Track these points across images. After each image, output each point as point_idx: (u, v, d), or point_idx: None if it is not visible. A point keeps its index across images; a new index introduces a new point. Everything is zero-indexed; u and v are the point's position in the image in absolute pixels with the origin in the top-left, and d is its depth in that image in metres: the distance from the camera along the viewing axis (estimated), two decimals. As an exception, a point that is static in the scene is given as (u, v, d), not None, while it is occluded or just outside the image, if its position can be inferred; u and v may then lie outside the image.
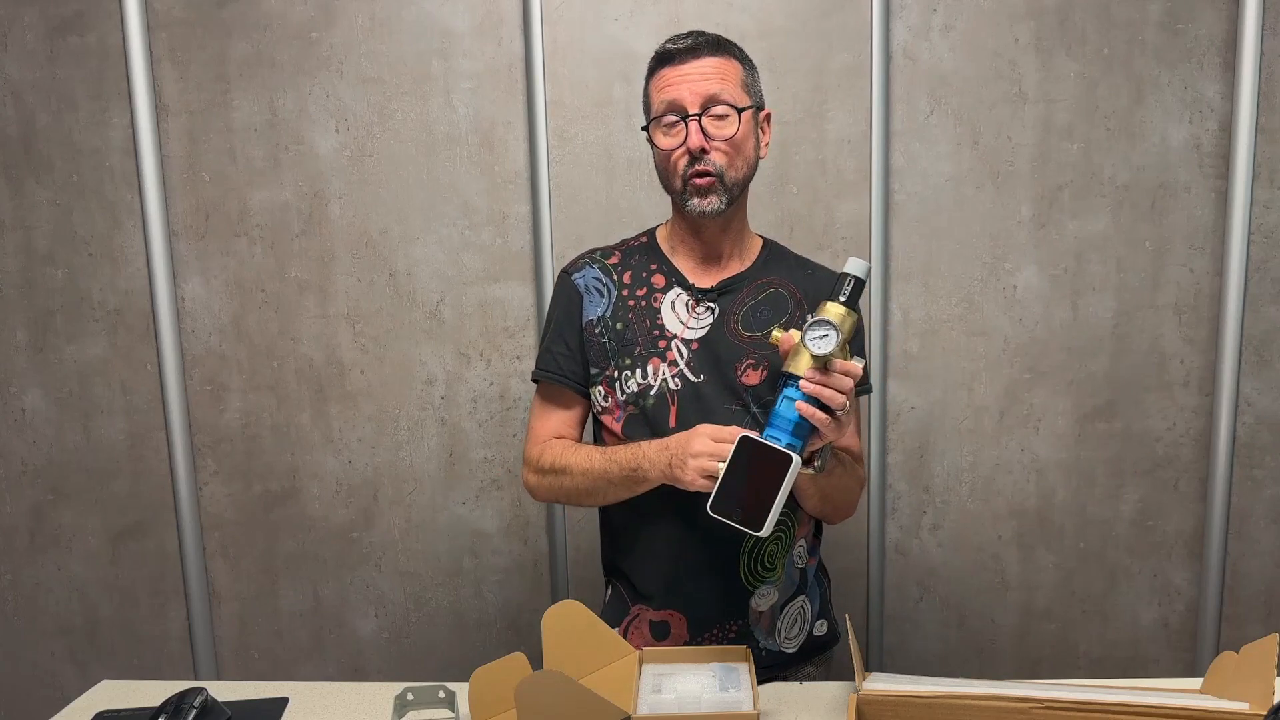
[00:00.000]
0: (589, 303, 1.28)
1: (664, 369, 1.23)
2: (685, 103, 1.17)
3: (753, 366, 1.23)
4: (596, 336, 1.27)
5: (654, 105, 1.21)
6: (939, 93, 1.77)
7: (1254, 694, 0.94)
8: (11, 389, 1.92)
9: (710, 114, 1.17)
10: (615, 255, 1.32)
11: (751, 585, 1.25)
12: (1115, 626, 1.91)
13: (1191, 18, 1.72)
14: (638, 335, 1.25)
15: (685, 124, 1.17)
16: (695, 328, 1.24)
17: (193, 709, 1.09)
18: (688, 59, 1.18)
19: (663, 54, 1.21)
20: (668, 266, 1.28)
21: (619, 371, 1.25)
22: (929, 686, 1.00)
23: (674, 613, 1.26)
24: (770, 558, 1.25)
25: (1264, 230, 1.77)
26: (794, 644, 1.31)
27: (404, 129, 1.81)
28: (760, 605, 1.26)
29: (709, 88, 1.17)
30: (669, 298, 1.26)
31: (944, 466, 1.88)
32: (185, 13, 1.79)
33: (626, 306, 1.27)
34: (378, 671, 1.97)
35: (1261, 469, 1.84)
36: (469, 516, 1.92)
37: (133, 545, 1.96)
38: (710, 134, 1.17)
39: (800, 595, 1.31)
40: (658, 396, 1.23)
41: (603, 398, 1.27)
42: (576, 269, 1.32)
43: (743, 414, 1.22)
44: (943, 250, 1.81)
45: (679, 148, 1.18)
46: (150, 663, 2.00)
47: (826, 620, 1.37)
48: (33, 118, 1.83)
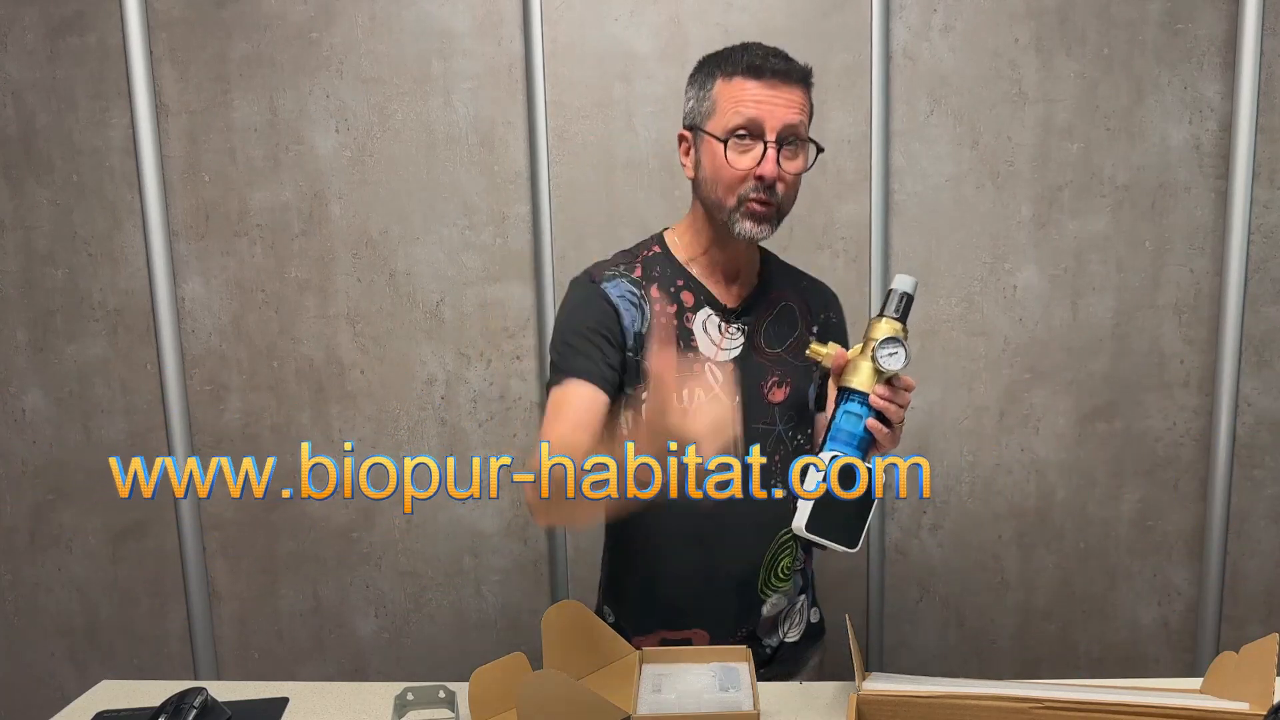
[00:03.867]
0: (626, 315, 1.19)
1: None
2: (768, 127, 1.12)
3: (777, 384, 1.23)
4: (632, 354, 1.19)
5: (724, 113, 1.13)
6: (939, 93, 1.77)
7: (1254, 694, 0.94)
8: (11, 389, 1.92)
9: (786, 145, 1.13)
10: (638, 269, 1.23)
11: (765, 595, 1.27)
12: (1115, 626, 1.91)
13: (1191, 18, 1.72)
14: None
15: (765, 148, 1.12)
16: (728, 348, 1.22)
17: (193, 709, 1.09)
18: (780, 83, 1.12)
19: (752, 66, 1.13)
20: (694, 283, 1.23)
21: (646, 392, 1.19)
22: (929, 686, 1.00)
23: (699, 631, 1.26)
24: (786, 569, 1.27)
25: (1264, 230, 1.77)
26: (796, 633, 1.33)
27: (404, 129, 1.81)
28: (770, 612, 1.28)
29: (792, 117, 1.13)
30: (699, 318, 1.21)
31: (944, 466, 1.88)
32: (185, 13, 1.79)
33: (658, 325, 1.21)
34: (378, 671, 1.97)
35: (1261, 469, 1.84)
36: (469, 516, 1.92)
37: (133, 545, 1.96)
38: (782, 165, 1.13)
39: (802, 595, 1.35)
40: None
41: (629, 421, 1.20)
42: (605, 279, 1.21)
43: (769, 433, 1.22)
44: (943, 250, 1.81)
45: (750, 169, 1.13)
46: (150, 663, 2.00)
47: (818, 608, 1.40)
48: (33, 118, 1.83)
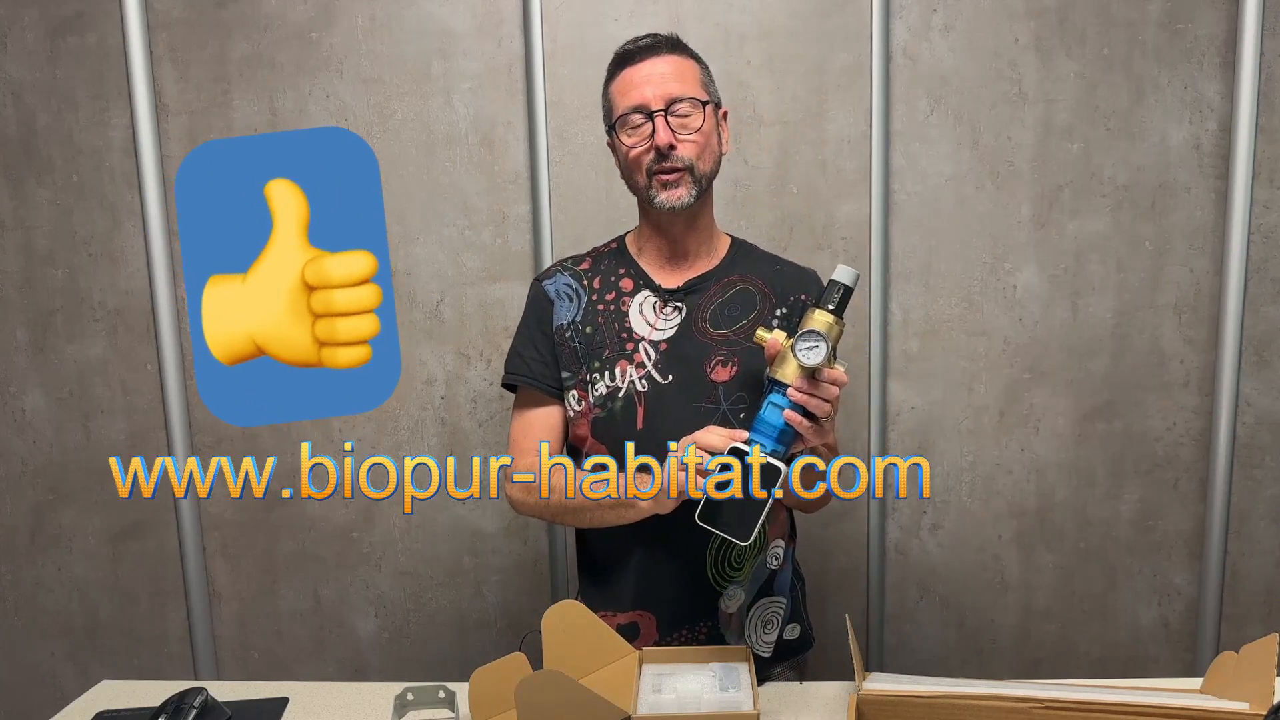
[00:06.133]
0: (559, 308, 1.29)
1: (631, 371, 1.23)
2: (649, 102, 1.18)
3: (722, 363, 1.23)
4: (567, 341, 1.27)
5: (617, 107, 1.22)
6: (939, 93, 1.77)
7: (1254, 694, 0.94)
8: (11, 389, 1.92)
9: (675, 112, 1.18)
10: (586, 262, 1.33)
11: (719, 585, 1.25)
12: (1115, 626, 1.91)
13: (1191, 18, 1.72)
14: (606, 339, 1.25)
15: (651, 121, 1.17)
16: (663, 328, 1.25)
17: (193, 709, 1.09)
18: (647, 57, 1.19)
19: (622, 55, 1.22)
20: (635, 269, 1.29)
21: (589, 374, 1.25)
22: (929, 686, 1.00)
23: (643, 613, 1.27)
24: (738, 558, 1.26)
25: (1264, 230, 1.77)
26: (767, 647, 1.31)
27: (404, 129, 1.81)
28: (729, 606, 1.26)
29: (670, 87, 1.18)
30: (637, 300, 1.27)
31: (944, 466, 1.88)
32: (185, 13, 1.79)
33: (596, 311, 1.27)
34: (378, 671, 1.97)
35: (1261, 469, 1.84)
36: (469, 516, 1.92)
37: (133, 545, 1.96)
38: (677, 129, 1.18)
39: (768, 596, 1.31)
40: (625, 399, 1.23)
41: (576, 402, 1.27)
42: (548, 276, 1.33)
43: (713, 411, 1.22)
44: (943, 250, 1.81)
45: (645, 145, 1.19)
46: (150, 663, 2.00)
47: (799, 624, 1.36)
48: (33, 118, 1.83)
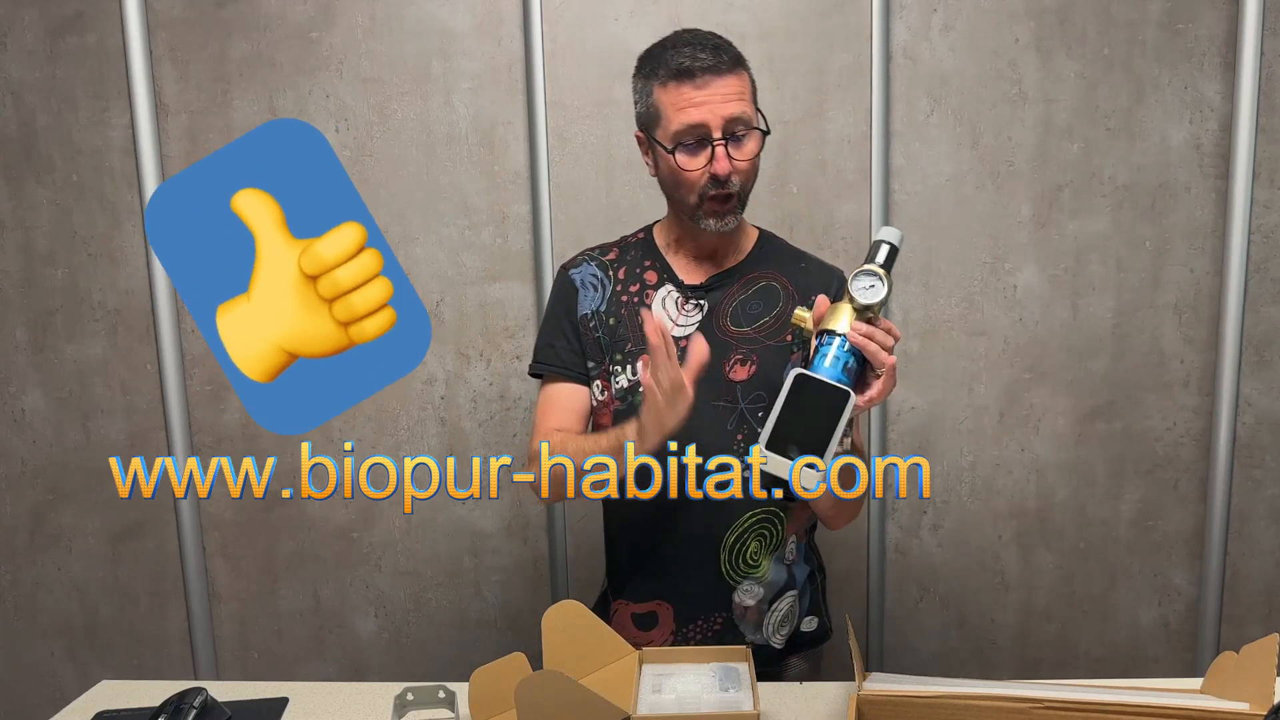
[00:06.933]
0: (584, 297, 1.29)
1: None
2: (711, 127, 1.13)
3: (740, 362, 1.23)
4: (591, 331, 1.27)
5: (669, 120, 1.16)
6: (939, 93, 1.77)
7: (1254, 694, 0.94)
8: (11, 389, 1.92)
9: (732, 135, 1.14)
10: (613, 252, 1.33)
11: (733, 580, 1.25)
12: (1115, 626, 1.91)
13: (1191, 18, 1.72)
14: (629, 332, 1.25)
15: (712, 148, 1.14)
16: (684, 325, 1.25)
17: (193, 709, 1.09)
18: (710, 79, 1.13)
19: (681, 69, 1.14)
20: (661, 263, 1.29)
21: (611, 365, 1.26)
22: (929, 686, 1.00)
23: (662, 603, 1.27)
24: (753, 555, 1.25)
25: (1264, 230, 1.77)
26: (781, 639, 1.31)
27: (404, 129, 1.81)
28: (745, 600, 1.27)
29: (731, 110, 1.13)
30: (660, 295, 1.27)
31: (944, 466, 1.88)
32: (185, 13, 1.79)
33: (619, 302, 1.27)
34: (378, 671, 1.97)
35: (1261, 469, 1.84)
36: (469, 516, 1.92)
37: (133, 545, 1.96)
38: (733, 158, 1.15)
39: (789, 592, 1.31)
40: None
41: (599, 391, 1.28)
42: (574, 265, 1.33)
43: (730, 410, 1.22)
44: (943, 250, 1.81)
45: (700, 168, 1.15)
46: (150, 663, 1.99)
47: (817, 617, 1.36)
48: (33, 118, 1.83)
